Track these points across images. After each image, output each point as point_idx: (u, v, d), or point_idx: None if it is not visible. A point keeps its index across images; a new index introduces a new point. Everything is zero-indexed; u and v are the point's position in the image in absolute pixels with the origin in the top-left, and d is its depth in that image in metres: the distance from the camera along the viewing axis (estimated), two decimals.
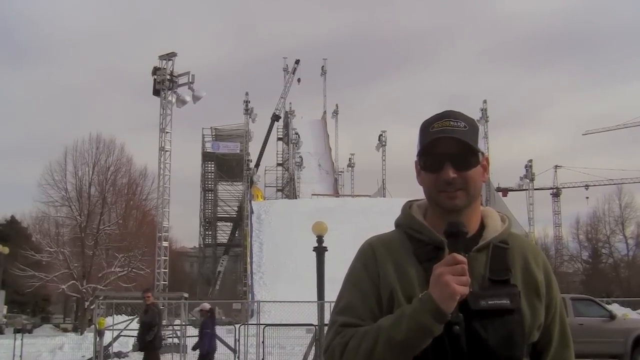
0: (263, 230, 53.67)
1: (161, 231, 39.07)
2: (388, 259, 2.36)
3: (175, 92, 39.43)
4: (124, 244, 49.08)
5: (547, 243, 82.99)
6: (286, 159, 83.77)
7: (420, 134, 2.38)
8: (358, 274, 2.38)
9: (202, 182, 76.80)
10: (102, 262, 48.37)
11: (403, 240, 2.40)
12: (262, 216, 55.78)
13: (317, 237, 22.60)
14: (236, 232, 75.18)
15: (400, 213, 2.50)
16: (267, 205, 60.27)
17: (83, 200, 50.08)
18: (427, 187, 2.37)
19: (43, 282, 46.83)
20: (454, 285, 2.07)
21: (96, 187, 51.12)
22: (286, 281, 43.27)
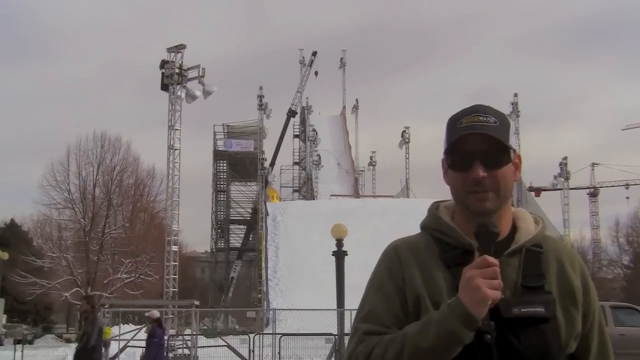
0: (279, 233, 53.70)
1: (170, 235, 39.20)
2: (413, 263, 2.36)
3: (185, 87, 39.55)
4: (131, 249, 49.31)
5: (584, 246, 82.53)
6: (303, 157, 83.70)
7: (447, 131, 2.38)
8: (381, 279, 2.38)
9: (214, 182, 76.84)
10: (108, 268, 48.62)
11: (429, 244, 2.40)
12: (278, 218, 55.81)
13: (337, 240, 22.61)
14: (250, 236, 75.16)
15: (426, 214, 2.50)
16: (283, 206, 60.31)
17: (87, 202, 50.35)
18: (455, 187, 2.36)
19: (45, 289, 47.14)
20: (485, 289, 2.07)
21: (101, 188, 51.43)
22: (304, 288, 43.27)
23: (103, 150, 51.75)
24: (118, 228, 51.70)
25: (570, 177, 71.28)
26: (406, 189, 76.16)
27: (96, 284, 47.50)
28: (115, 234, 51.07)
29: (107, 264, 49.12)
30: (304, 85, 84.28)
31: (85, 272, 47.84)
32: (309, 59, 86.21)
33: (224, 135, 75.42)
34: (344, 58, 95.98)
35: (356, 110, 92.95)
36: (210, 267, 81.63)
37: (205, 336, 34.53)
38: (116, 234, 51.11)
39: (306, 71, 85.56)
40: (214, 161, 76.00)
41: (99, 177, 51.29)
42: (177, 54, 39.73)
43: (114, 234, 50.88)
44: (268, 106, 66.61)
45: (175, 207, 39.84)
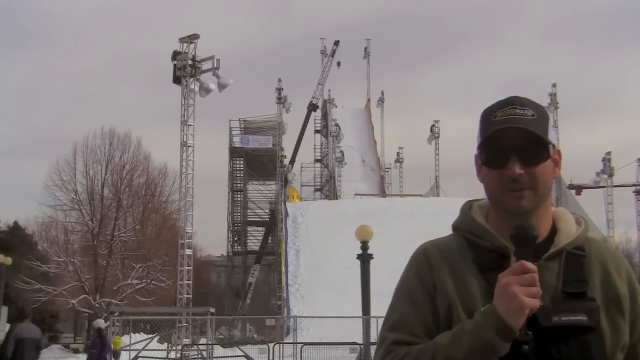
0: (300, 235, 53.75)
1: (184, 237, 39.32)
2: (445, 267, 2.34)
3: (199, 80, 39.66)
4: (142, 253, 49.48)
5: (630, 249, 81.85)
6: (325, 154, 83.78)
7: (481, 124, 2.36)
8: (410, 285, 2.37)
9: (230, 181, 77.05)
10: (117, 273, 48.84)
11: (461, 246, 2.38)
12: (299, 219, 55.86)
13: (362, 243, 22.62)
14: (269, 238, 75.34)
15: (458, 215, 2.48)
16: (304, 207, 60.36)
17: (95, 203, 50.59)
18: (489, 185, 2.34)
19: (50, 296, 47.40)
20: (523, 297, 2.05)
21: (110, 188, 51.65)
22: (326, 294, 43.29)
23: (112, 148, 52.00)
24: (128, 231, 51.92)
25: (614, 173, 70.77)
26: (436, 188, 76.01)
27: (105, 291, 47.74)
28: (125, 237, 51.28)
29: (116, 269, 49.33)
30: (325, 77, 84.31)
31: (94, 277, 48.08)
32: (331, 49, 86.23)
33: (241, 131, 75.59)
34: (368, 47, 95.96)
35: (382, 103, 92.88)
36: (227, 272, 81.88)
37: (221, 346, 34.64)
38: (126, 237, 51.32)
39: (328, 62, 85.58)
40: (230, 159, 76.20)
41: (108, 177, 51.56)
42: (190, 44, 39.83)
43: (123, 237, 51.10)
44: (287, 99, 66.73)
45: (189, 208, 39.95)
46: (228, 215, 77.11)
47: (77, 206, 50.84)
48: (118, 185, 51.70)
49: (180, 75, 39.64)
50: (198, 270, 56.83)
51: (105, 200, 51.04)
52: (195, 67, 39.51)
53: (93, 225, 49.74)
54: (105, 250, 49.41)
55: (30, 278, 47.20)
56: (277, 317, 46.13)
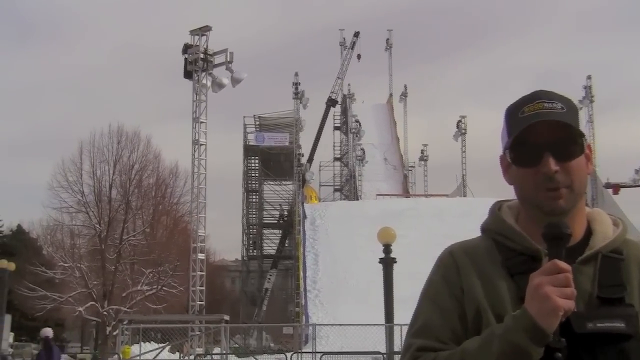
0: (318, 238, 53.73)
1: (196, 241, 39.43)
2: (473, 271, 2.35)
3: (211, 74, 39.76)
4: (152, 257, 49.58)
5: None
6: (345, 152, 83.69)
7: (507, 122, 2.36)
8: (437, 288, 2.38)
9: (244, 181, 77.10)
10: (126, 279, 48.96)
11: (490, 249, 2.39)
12: (317, 222, 55.85)
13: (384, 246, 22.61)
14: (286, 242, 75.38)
15: (486, 216, 2.49)
16: (323, 208, 60.35)
17: (103, 205, 50.70)
18: (522, 185, 2.34)
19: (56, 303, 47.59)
20: (556, 298, 2.05)
21: (118, 190, 51.75)
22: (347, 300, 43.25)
23: (120, 147, 52.08)
24: (137, 234, 52.02)
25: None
26: (463, 187, 75.80)
27: (113, 297, 47.86)
28: (135, 240, 51.40)
29: (125, 274, 49.44)
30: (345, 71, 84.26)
31: (102, 283, 48.21)
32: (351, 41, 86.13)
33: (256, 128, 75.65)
34: (390, 39, 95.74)
35: (405, 98, 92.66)
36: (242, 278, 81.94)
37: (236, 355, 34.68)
38: (135, 241, 51.43)
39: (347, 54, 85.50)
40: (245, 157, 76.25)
41: (116, 177, 51.64)
42: (201, 37, 39.93)
43: (132, 240, 51.21)
44: (305, 95, 66.76)
45: (201, 210, 40.06)
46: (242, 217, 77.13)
47: (83, 208, 50.96)
48: (127, 186, 51.78)
49: (192, 69, 39.74)
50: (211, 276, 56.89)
51: (113, 202, 51.14)
52: (207, 61, 39.60)
53: (101, 228, 49.84)
54: (114, 255, 49.52)
55: (34, 284, 47.38)
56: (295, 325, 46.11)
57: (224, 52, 39.91)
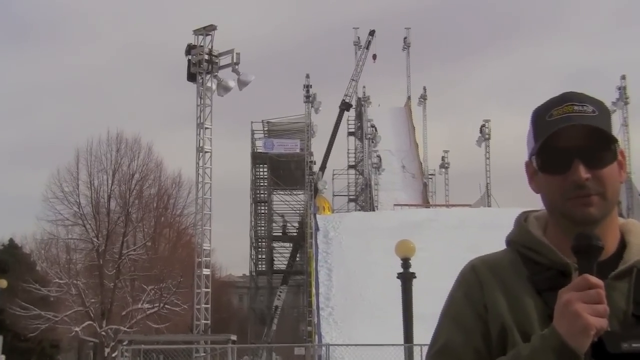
0: (332, 252, 53.70)
1: (201, 255, 39.43)
2: (497, 286, 2.35)
3: (216, 76, 39.80)
4: (154, 273, 49.63)
5: None
6: (360, 159, 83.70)
7: (534, 126, 2.36)
8: (458, 306, 2.37)
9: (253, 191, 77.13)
10: (126, 296, 49.00)
11: (516, 263, 2.39)
12: (331, 234, 55.82)
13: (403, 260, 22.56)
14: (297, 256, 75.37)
15: (512, 227, 2.48)
16: (337, 219, 60.31)
17: (101, 217, 50.77)
18: (549, 194, 2.34)
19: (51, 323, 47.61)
20: (587, 316, 2.04)
21: (117, 201, 51.80)
22: (363, 318, 43.22)
23: (119, 155, 52.14)
24: (138, 248, 52.06)
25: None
26: (487, 197, 75.71)
27: (112, 316, 47.88)
28: (135, 255, 51.42)
29: (125, 291, 49.48)
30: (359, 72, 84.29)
31: (100, 301, 48.24)
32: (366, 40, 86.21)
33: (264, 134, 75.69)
34: (408, 37, 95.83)
35: (424, 101, 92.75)
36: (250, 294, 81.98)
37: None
38: (136, 256, 51.46)
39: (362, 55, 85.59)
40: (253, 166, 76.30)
41: (115, 187, 51.68)
42: (206, 36, 39.97)
43: (133, 255, 51.24)
44: (317, 98, 66.75)
45: (206, 222, 40.06)
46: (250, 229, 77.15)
47: (80, 221, 51.02)
48: (126, 196, 51.83)
49: (196, 71, 39.78)
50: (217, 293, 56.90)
51: (112, 214, 51.20)
52: (212, 63, 39.63)
53: (98, 242, 49.89)
54: (113, 271, 49.57)
55: (28, 303, 47.43)
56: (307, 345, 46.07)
57: (230, 52, 39.95)
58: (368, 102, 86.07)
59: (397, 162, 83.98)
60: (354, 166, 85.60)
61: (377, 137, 79.06)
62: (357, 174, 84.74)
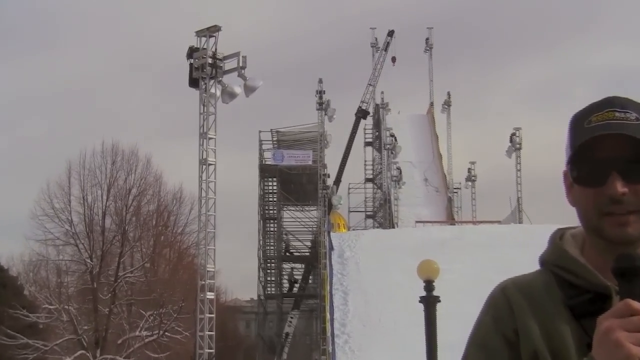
0: (348, 273, 53.69)
1: (205, 278, 39.44)
2: (529, 311, 2.34)
3: (221, 82, 39.85)
4: (153, 297, 49.64)
5: None
6: (378, 171, 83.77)
7: (571, 133, 2.35)
8: (486, 331, 2.37)
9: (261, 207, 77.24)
10: (123, 323, 49.00)
11: (550, 285, 2.38)
12: (346, 254, 55.83)
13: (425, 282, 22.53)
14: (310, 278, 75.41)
15: (547, 246, 2.47)
16: (353, 238, 60.30)
17: (95, 236, 50.83)
18: (583, 208, 2.33)
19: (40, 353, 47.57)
20: (630, 345, 2.01)
21: (113, 218, 51.87)
22: (382, 346, 43.19)
23: (115, 168, 52.22)
24: (136, 270, 52.08)
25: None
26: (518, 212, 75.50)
27: (107, 345, 47.86)
28: (132, 277, 51.45)
29: (121, 317, 49.50)
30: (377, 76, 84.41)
31: (93, 329, 48.25)
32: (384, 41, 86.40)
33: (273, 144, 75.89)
34: (430, 38, 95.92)
35: (448, 108, 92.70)
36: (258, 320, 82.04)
37: None
38: (133, 278, 51.48)
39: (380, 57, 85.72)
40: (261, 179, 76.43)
41: (110, 203, 51.75)
42: (209, 38, 40.04)
43: (130, 277, 51.26)
44: (330, 105, 66.85)
45: (210, 241, 40.08)
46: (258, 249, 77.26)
47: (72, 240, 51.04)
48: (123, 214, 51.90)
49: (198, 76, 39.83)
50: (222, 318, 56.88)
51: (107, 233, 51.24)
52: (216, 67, 39.68)
53: (92, 263, 49.92)
54: (108, 295, 49.58)
55: (14, 331, 47.38)
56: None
57: (236, 56, 39.99)
58: (387, 109, 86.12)
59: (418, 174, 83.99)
60: (372, 179, 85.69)
61: (396, 148, 79.04)
62: (375, 187, 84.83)
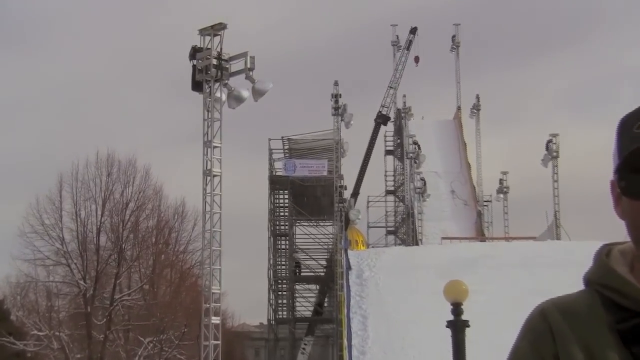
0: (367, 296, 53.70)
1: (209, 300, 39.46)
2: (571, 336, 2.33)
3: (227, 85, 39.90)
4: (153, 322, 49.70)
5: None
6: (400, 183, 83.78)
7: (619, 138, 2.34)
8: (524, 358, 2.36)
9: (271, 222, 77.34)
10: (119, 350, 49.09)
11: (595, 306, 2.37)
12: (365, 274, 55.84)
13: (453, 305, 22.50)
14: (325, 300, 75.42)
15: (591, 264, 2.46)
16: (373, 256, 60.30)
17: (89, 255, 50.90)
18: (633, 222, 2.32)
19: None
20: None
21: (108, 235, 51.94)
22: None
23: (110, 180, 52.31)
24: (133, 292, 52.15)
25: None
26: (555, 227, 75.38)
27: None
28: (130, 301, 51.51)
29: (118, 344, 49.58)
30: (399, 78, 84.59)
31: (87, 357, 48.34)
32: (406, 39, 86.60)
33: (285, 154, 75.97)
34: (458, 36, 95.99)
35: (477, 112, 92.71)
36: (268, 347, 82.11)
37: None
38: (131, 301, 51.55)
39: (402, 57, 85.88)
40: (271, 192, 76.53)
41: (106, 219, 51.83)
42: (214, 37, 40.09)
43: (127, 301, 51.33)
44: (347, 110, 66.90)
45: (215, 260, 40.10)
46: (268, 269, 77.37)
47: (64, 260, 51.12)
48: (119, 230, 51.98)
49: (202, 79, 39.87)
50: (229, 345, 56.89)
51: (102, 252, 51.31)
52: (221, 68, 39.71)
53: (86, 285, 50.01)
54: (103, 320, 49.66)
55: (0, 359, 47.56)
56: None
57: (243, 56, 40.00)
58: (409, 114, 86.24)
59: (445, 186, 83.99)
60: (393, 192, 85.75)
61: (420, 156, 79.02)
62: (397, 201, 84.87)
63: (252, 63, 39.84)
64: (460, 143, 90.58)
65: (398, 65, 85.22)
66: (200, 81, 39.95)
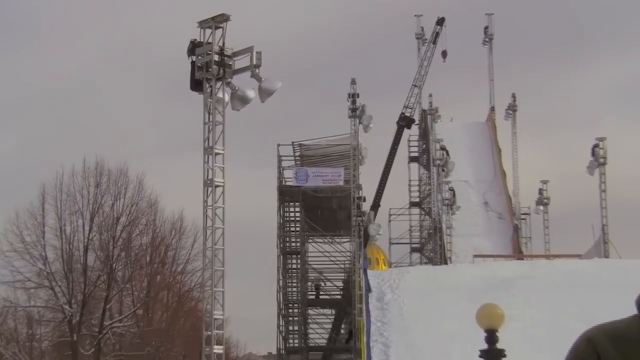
0: (389, 321, 53.68)
1: (211, 327, 39.51)
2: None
3: (230, 84, 39.97)
4: (147, 352, 49.73)
5: None
6: (426, 194, 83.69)
7: None
8: None
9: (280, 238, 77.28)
10: None
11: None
12: (387, 297, 55.83)
13: (487, 331, 22.52)
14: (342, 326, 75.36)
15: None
16: (395, 277, 60.30)
17: (75, 276, 50.91)
18: None
19: None
20: None
21: (97, 254, 51.96)
22: None
23: (99, 191, 52.35)
24: (125, 318, 52.18)
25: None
26: (603, 244, 75.24)
27: None
28: (121, 328, 51.54)
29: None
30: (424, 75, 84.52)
31: None
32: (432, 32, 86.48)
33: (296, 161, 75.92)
34: (490, 27, 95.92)
35: (513, 114, 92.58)
36: None
37: None
38: (123, 328, 51.58)
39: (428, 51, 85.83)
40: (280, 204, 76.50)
41: (94, 236, 51.84)
42: (215, 30, 40.15)
43: (118, 328, 51.36)
44: (366, 111, 66.83)
45: (217, 282, 40.15)
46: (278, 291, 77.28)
47: (46, 282, 51.17)
48: (109, 248, 51.98)
49: (202, 77, 39.91)
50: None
51: (90, 273, 51.32)
52: (224, 65, 39.75)
53: (71, 310, 50.03)
54: (91, 350, 49.70)
55: None
56: None
57: (249, 51, 40.02)
58: (436, 115, 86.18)
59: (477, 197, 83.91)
60: (418, 203, 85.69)
61: (449, 164, 78.96)
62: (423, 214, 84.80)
63: (258, 59, 39.83)
64: (494, 148, 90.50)
65: (423, 61, 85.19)
66: (200, 80, 39.97)
